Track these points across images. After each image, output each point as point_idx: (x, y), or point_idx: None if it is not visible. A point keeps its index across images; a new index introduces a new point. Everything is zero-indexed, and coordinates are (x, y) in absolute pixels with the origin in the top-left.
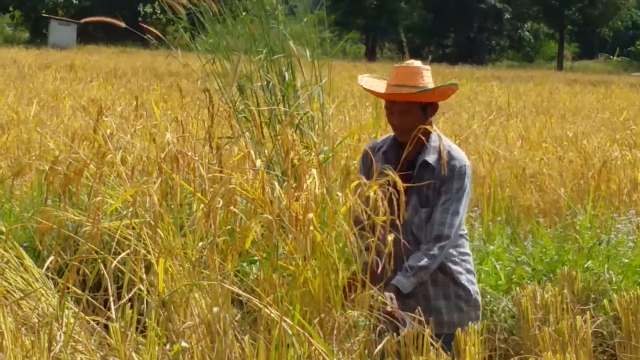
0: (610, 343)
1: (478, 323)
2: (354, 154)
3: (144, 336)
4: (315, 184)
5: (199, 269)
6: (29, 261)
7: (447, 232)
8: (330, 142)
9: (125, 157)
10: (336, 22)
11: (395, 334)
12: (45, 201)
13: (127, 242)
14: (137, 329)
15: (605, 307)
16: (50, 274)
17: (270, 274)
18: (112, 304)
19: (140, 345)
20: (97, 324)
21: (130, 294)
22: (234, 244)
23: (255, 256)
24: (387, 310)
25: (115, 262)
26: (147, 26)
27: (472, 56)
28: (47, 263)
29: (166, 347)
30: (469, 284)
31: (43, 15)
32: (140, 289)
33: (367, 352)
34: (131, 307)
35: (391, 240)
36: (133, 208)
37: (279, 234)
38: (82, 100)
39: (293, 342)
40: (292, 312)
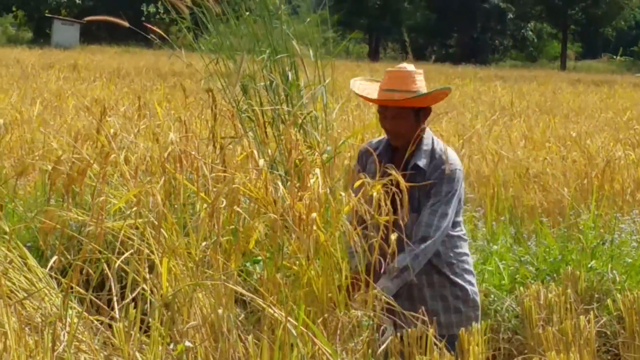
0: (614, 343)
1: (478, 323)
2: (357, 154)
3: (148, 336)
4: (318, 184)
5: (203, 269)
6: (32, 261)
7: (432, 234)
8: (333, 141)
9: (129, 157)
10: (339, 22)
11: (398, 334)
12: (48, 201)
13: (130, 242)
14: (140, 328)
15: (609, 307)
16: (53, 274)
17: (273, 274)
18: (115, 304)
19: (144, 345)
20: (100, 323)
21: (134, 294)
22: (237, 243)
23: (258, 256)
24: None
25: (119, 262)
26: (150, 26)
27: (475, 56)
28: (50, 263)
29: (170, 346)
30: (467, 284)
31: (46, 15)
32: (143, 289)
33: (370, 351)
34: (135, 306)
35: (394, 239)
36: (137, 208)
37: (283, 234)
38: (85, 100)
39: (297, 342)
40: (297, 312)
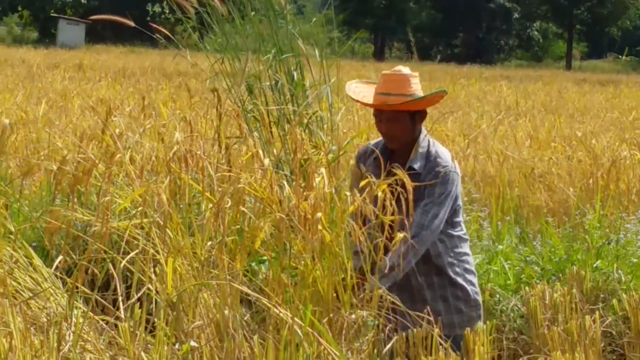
0: (620, 343)
1: (480, 323)
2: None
3: (153, 336)
4: (324, 183)
5: (208, 269)
6: (38, 261)
7: (422, 234)
8: (338, 141)
9: (134, 157)
10: (345, 21)
11: (404, 334)
12: (53, 201)
13: (135, 241)
14: (146, 328)
15: (614, 307)
16: (59, 274)
17: (279, 274)
18: (121, 304)
19: (149, 345)
20: (106, 323)
21: (140, 294)
22: (242, 243)
23: (264, 256)
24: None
25: (124, 261)
26: (156, 26)
27: (480, 56)
28: (56, 263)
29: (175, 346)
30: (467, 284)
31: (52, 15)
32: (149, 289)
33: (376, 351)
34: (140, 306)
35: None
36: (142, 208)
37: (288, 234)
38: (90, 100)
39: (302, 342)
40: (302, 312)
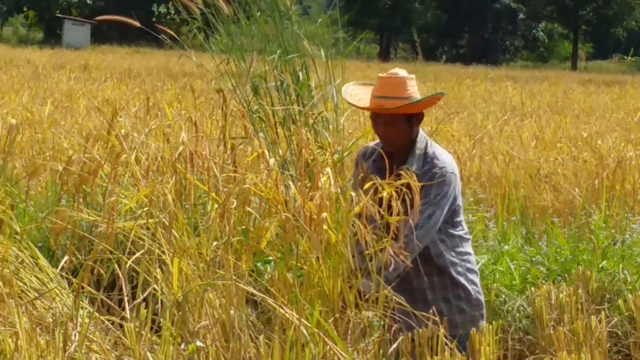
0: (625, 343)
1: (483, 322)
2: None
3: (159, 336)
4: (330, 183)
5: (214, 269)
6: (43, 261)
7: (417, 234)
8: (344, 142)
9: (140, 157)
10: (350, 22)
11: (409, 334)
12: (59, 201)
13: (141, 242)
14: (151, 328)
15: (620, 307)
16: (64, 274)
17: (284, 274)
18: (126, 304)
19: (155, 345)
20: (111, 323)
21: (145, 294)
22: (248, 243)
23: (269, 256)
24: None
25: (130, 262)
26: (161, 26)
27: (486, 56)
28: (61, 263)
29: (181, 346)
30: (469, 283)
31: (57, 15)
32: (154, 289)
33: (381, 352)
34: (146, 307)
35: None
36: (148, 208)
37: (294, 234)
38: (96, 100)
39: (308, 342)
40: (308, 312)
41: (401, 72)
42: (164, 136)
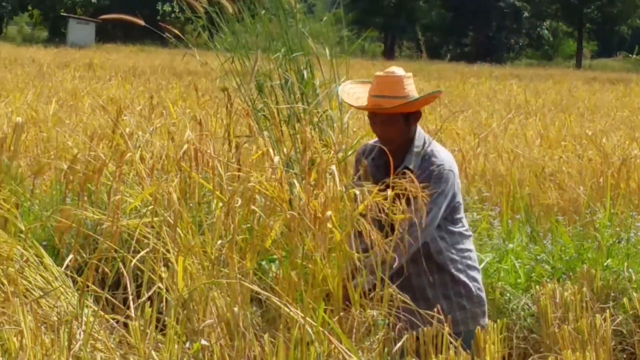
0: (630, 341)
1: (485, 319)
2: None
3: (164, 334)
4: (334, 182)
5: (218, 268)
6: (48, 260)
7: (413, 231)
8: (348, 140)
9: (144, 156)
10: (355, 20)
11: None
12: (64, 200)
13: (146, 240)
14: (156, 327)
15: (625, 306)
16: (69, 273)
17: (289, 273)
18: (131, 303)
19: (159, 344)
20: (116, 322)
21: (150, 293)
22: (252, 242)
23: (274, 254)
24: None
25: (134, 260)
26: (165, 25)
27: (491, 55)
28: (66, 261)
29: (186, 345)
30: (470, 280)
31: (62, 14)
32: (159, 288)
33: (386, 350)
34: (150, 305)
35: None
36: (153, 206)
37: (298, 232)
38: (101, 99)
39: (313, 341)
40: (313, 310)
41: (398, 70)
42: (168, 135)
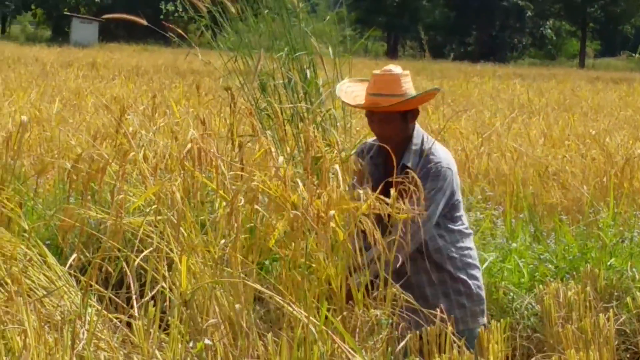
0: (634, 341)
1: (484, 318)
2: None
3: (167, 334)
4: (338, 181)
5: (222, 267)
6: (51, 259)
7: (411, 227)
8: (352, 139)
9: (147, 155)
10: (358, 20)
11: (417, 332)
12: (68, 199)
13: (149, 239)
14: (160, 326)
15: (629, 305)
16: (73, 272)
17: (292, 272)
18: (134, 302)
19: (163, 343)
20: (120, 321)
21: (153, 292)
22: (256, 241)
23: (277, 254)
24: None
25: (138, 260)
26: (168, 24)
27: (494, 54)
28: (70, 261)
29: (189, 344)
30: (469, 278)
31: (65, 13)
32: (163, 287)
33: (389, 350)
34: (154, 304)
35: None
36: (156, 205)
37: (301, 232)
38: (104, 98)
39: (316, 340)
40: (316, 310)
41: (395, 68)
42: (171, 134)
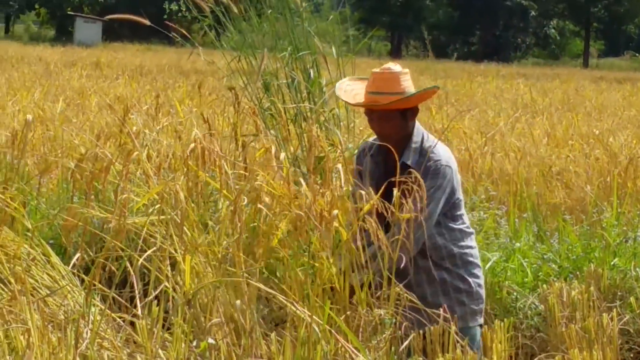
0: (637, 340)
1: (481, 319)
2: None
3: (171, 333)
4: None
5: (225, 266)
6: (55, 258)
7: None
8: (355, 139)
9: (151, 154)
10: (361, 19)
11: (421, 331)
12: (72, 199)
13: (152, 239)
14: (163, 326)
15: (632, 305)
16: (76, 271)
17: (295, 271)
18: (138, 301)
19: (166, 342)
20: (123, 321)
21: (157, 292)
22: (259, 240)
23: (281, 253)
24: None
25: (141, 259)
26: (172, 24)
27: (497, 54)
28: (73, 260)
29: (193, 344)
30: (469, 276)
31: (68, 13)
32: (166, 286)
33: (393, 349)
34: (157, 304)
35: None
36: (160, 205)
37: (304, 231)
38: (107, 97)
39: (319, 339)
40: (320, 309)
41: (395, 66)
42: (175, 133)
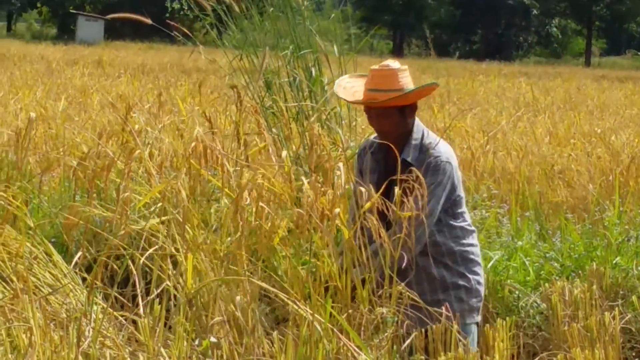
0: (639, 339)
1: (479, 317)
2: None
3: (172, 332)
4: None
5: (227, 265)
6: (57, 257)
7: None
8: (357, 137)
9: (153, 153)
10: (363, 18)
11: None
12: (74, 197)
13: (154, 238)
14: (165, 324)
15: (634, 304)
16: (78, 270)
17: (297, 269)
18: (140, 300)
19: (168, 341)
20: (125, 319)
21: (159, 290)
22: (260, 239)
23: (282, 252)
24: None
25: (143, 258)
26: (174, 23)
27: (499, 52)
28: (75, 258)
29: (195, 342)
30: (469, 273)
31: (71, 11)
32: (168, 285)
33: (394, 348)
34: (159, 302)
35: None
36: (162, 204)
37: (305, 230)
38: (110, 96)
39: (321, 338)
40: (321, 307)
41: (393, 63)
42: (177, 132)
